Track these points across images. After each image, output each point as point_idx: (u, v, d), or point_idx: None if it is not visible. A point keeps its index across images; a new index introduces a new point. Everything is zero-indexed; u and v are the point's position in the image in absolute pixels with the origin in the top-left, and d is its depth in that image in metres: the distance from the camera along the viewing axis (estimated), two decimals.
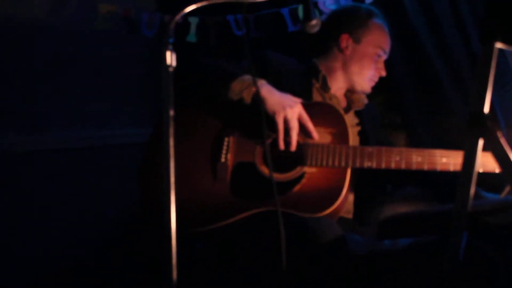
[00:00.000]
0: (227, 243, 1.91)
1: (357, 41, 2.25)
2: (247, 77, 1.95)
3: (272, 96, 1.90)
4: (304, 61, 2.32)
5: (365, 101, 2.28)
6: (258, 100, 1.89)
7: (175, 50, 1.52)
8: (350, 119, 2.24)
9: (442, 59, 2.81)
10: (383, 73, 2.27)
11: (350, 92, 2.30)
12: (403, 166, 1.90)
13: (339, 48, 2.26)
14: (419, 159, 1.89)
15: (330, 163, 1.91)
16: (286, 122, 1.89)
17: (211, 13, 2.78)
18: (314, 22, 1.80)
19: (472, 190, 1.16)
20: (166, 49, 1.51)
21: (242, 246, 1.86)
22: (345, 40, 2.25)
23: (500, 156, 1.10)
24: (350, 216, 2.15)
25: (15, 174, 2.81)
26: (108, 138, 3.02)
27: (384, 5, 2.89)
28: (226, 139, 1.99)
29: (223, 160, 1.96)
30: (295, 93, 1.99)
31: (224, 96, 1.93)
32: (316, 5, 2.88)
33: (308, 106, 1.97)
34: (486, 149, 1.15)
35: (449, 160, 1.87)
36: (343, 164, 1.91)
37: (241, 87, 1.92)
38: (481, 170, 1.81)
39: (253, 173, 1.94)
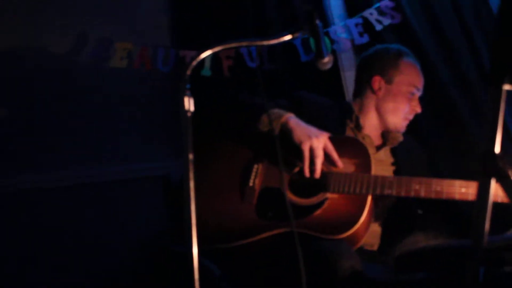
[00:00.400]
0: (248, 263, 1.99)
1: (389, 82, 2.31)
2: (277, 111, 2.10)
3: (299, 127, 2.04)
4: (339, 101, 2.43)
5: (400, 139, 2.32)
6: (286, 130, 2.05)
7: (192, 86, 1.56)
8: (385, 157, 2.31)
9: (456, 82, 2.83)
10: (418, 110, 2.33)
11: (386, 131, 2.36)
12: (422, 194, 1.96)
13: (372, 90, 2.34)
14: (438, 188, 1.95)
15: (351, 190, 2.00)
16: (311, 151, 2.00)
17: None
18: (326, 60, 1.83)
19: (487, 226, 1.19)
20: (184, 95, 1.55)
21: (262, 266, 1.95)
22: (378, 82, 2.33)
23: None
24: (374, 248, 2.20)
25: (34, 211, 2.89)
26: (126, 172, 3.06)
27: (395, 31, 2.94)
28: (255, 166, 2.13)
29: (251, 184, 2.09)
30: (329, 132, 2.09)
31: (255, 128, 2.08)
32: (327, 34, 2.93)
33: (334, 139, 2.08)
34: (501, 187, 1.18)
35: (468, 190, 1.93)
36: (364, 191, 1.99)
37: (269, 119, 2.05)
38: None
39: (278, 198, 2.05)
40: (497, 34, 1.22)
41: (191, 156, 1.52)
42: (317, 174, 2.02)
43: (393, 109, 2.29)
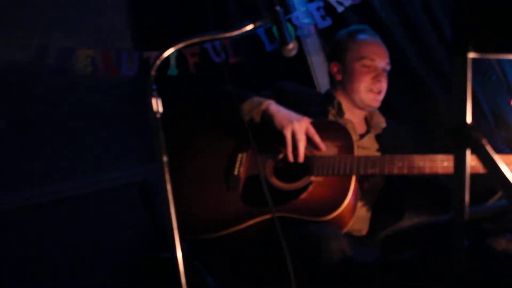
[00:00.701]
0: (235, 251, 1.99)
1: (342, 64, 2.35)
2: (256, 98, 2.11)
3: (280, 113, 2.05)
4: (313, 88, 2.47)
5: (383, 125, 2.34)
6: (267, 117, 2.06)
7: (159, 86, 1.53)
8: (370, 144, 2.32)
9: (420, 56, 2.85)
10: (382, 83, 2.31)
11: (370, 116, 2.38)
12: (405, 171, 1.97)
13: (334, 77, 2.39)
14: (421, 163, 1.95)
15: (335, 172, 2.01)
16: (293, 135, 2.01)
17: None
18: (291, 46, 1.82)
19: (466, 198, 1.19)
20: (151, 96, 1.52)
21: (250, 253, 1.95)
22: (334, 68, 2.38)
23: (488, 165, 1.13)
24: (363, 233, 2.21)
25: (18, 229, 2.83)
26: (105, 182, 3.03)
27: (357, 12, 2.95)
28: (239, 155, 2.14)
29: (236, 173, 2.10)
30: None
31: (236, 117, 2.08)
32: (289, 21, 2.92)
33: (316, 123, 2.08)
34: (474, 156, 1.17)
35: (450, 163, 1.92)
36: (348, 171, 2.00)
37: (250, 107, 2.07)
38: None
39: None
40: (458, 1, 1.21)
41: (165, 158, 1.49)
42: (301, 158, 2.02)
43: (354, 87, 2.30)
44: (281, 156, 2.12)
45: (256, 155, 2.06)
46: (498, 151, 2.21)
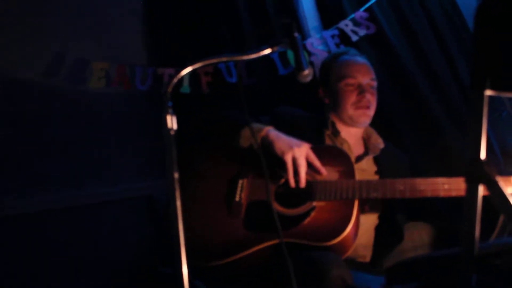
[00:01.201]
0: (237, 278, 1.99)
1: (327, 86, 2.42)
2: (256, 125, 2.12)
3: (280, 139, 2.07)
4: (317, 113, 2.46)
5: (380, 146, 2.36)
6: (267, 143, 2.07)
7: (173, 103, 1.55)
8: (368, 167, 2.33)
9: (431, 89, 2.87)
10: (367, 98, 2.33)
11: (367, 136, 2.40)
12: (407, 194, 1.99)
13: (323, 102, 2.44)
14: (422, 187, 1.98)
15: (338, 196, 2.02)
16: (294, 161, 2.02)
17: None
18: (306, 72, 1.84)
19: (477, 233, 1.19)
20: (166, 113, 1.54)
21: (254, 280, 1.96)
22: (321, 93, 2.45)
23: (500, 201, 1.14)
24: (367, 260, 2.23)
25: (21, 235, 2.84)
26: (112, 193, 3.01)
27: (371, 41, 2.98)
28: (240, 181, 2.14)
29: (237, 199, 2.10)
30: (309, 143, 2.12)
31: (236, 143, 2.10)
32: (304, 46, 2.94)
33: (316, 149, 2.10)
34: (488, 194, 1.18)
35: (451, 186, 1.97)
36: (350, 196, 2.01)
37: (250, 134, 2.08)
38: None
39: (265, 210, 2.05)
40: (477, 38, 1.23)
41: (176, 175, 1.50)
42: (302, 183, 2.03)
43: (341, 106, 2.34)
44: (282, 181, 2.13)
45: (266, 179, 2.05)
46: None
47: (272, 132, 2.09)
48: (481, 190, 1.17)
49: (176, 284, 1.42)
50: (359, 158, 2.33)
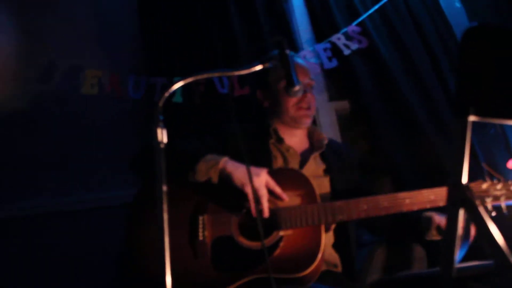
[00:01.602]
0: None
1: (266, 89, 2.34)
2: (210, 157, 2.03)
3: (237, 170, 1.98)
4: (259, 123, 2.40)
5: (325, 141, 2.32)
6: (224, 176, 1.99)
7: (164, 113, 1.55)
8: (316, 166, 2.29)
9: (422, 105, 2.91)
10: (308, 98, 2.28)
11: (310, 134, 2.37)
12: (372, 214, 1.98)
13: (262, 105, 2.38)
14: (385, 203, 1.97)
15: (303, 223, 1.98)
16: (255, 191, 1.95)
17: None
18: (297, 88, 1.87)
19: (456, 256, 1.22)
20: (157, 126, 1.55)
21: None
22: (259, 95, 2.38)
23: (479, 225, 1.17)
24: (339, 270, 2.19)
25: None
26: (97, 200, 2.99)
27: (363, 55, 3.02)
28: (200, 217, 2.04)
29: (201, 238, 2.01)
30: (254, 156, 2.06)
31: (192, 178, 2.01)
32: None
33: (273, 173, 2.04)
34: (467, 218, 1.21)
35: (412, 200, 1.96)
36: (316, 222, 1.97)
37: (206, 168, 2.00)
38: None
39: (232, 246, 1.99)
40: (461, 66, 1.26)
41: (164, 188, 1.52)
42: (266, 213, 1.96)
43: (282, 108, 2.29)
44: (244, 212, 2.04)
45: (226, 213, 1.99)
46: None
47: (229, 164, 2.00)
48: (462, 214, 1.20)
49: None
50: (305, 158, 2.29)
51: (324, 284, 1.95)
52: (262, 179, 1.97)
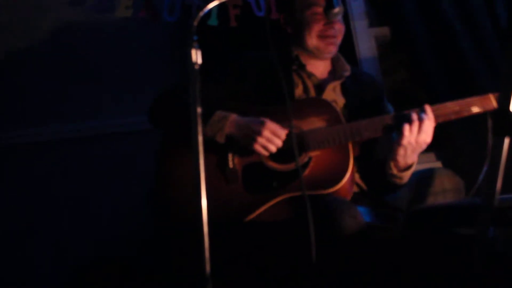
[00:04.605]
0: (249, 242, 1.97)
1: (291, 15, 2.26)
2: (218, 116, 2.01)
3: (241, 132, 2.00)
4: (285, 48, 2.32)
5: (346, 73, 2.25)
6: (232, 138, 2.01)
7: (198, 35, 1.51)
8: (337, 97, 2.25)
9: (467, 34, 2.79)
10: (335, 27, 2.20)
11: (335, 64, 2.30)
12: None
13: (285, 30, 2.30)
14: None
15: (331, 143, 2.00)
16: (265, 148, 1.97)
17: None
18: (336, 9, 1.81)
19: (499, 185, 1.18)
20: (191, 47, 1.51)
21: (267, 241, 1.93)
22: (283, 20, 2.30)
23: None
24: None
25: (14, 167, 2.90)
26: (130, 125, 2.95)
27: None
28: (230, 154, 2.07)
29: (231, 165, 2.05)
30: (277, 86, 1.98)
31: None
32: None
33: (297, 103, 2.09)
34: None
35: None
36: (343, 141, 2.00)
37: (212, 131, 2.00)
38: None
39: (262, 170, 2.03)
40: None
41: (199, 110, 1.49)
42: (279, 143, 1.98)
43: (306, 36, 2.20)
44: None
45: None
46: None
47: (234, 127, 2.00)
48: (507, 143, 1.15)
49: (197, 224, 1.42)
50: (323, 86, 2.24)
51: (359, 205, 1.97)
52: (265, 134, 1.96)
